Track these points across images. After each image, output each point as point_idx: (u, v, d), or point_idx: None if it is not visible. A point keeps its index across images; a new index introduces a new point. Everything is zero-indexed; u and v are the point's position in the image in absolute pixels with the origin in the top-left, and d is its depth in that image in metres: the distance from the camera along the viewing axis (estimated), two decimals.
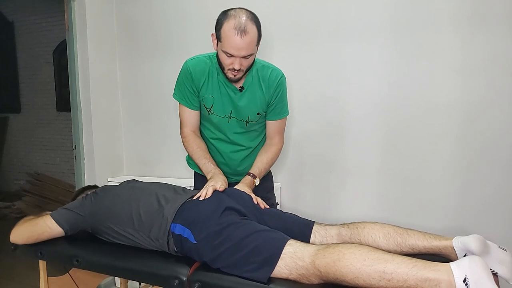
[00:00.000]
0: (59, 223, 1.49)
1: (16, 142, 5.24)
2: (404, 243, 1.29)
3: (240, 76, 1.58)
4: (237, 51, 1.47)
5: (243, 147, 1.76)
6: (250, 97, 1.67)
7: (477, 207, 2.02)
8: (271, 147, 1.78)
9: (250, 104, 1.68)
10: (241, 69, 1.53)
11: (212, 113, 1.69)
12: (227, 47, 1.48)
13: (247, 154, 1.78)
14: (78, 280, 1.75)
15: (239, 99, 1.67)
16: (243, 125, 1.72)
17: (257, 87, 1.67)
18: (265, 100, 1.69)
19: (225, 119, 1.70)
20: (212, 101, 1.67)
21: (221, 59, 1.55)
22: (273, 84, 1.68)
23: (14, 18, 5.02)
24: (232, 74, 1.55)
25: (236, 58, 1.49)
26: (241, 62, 1.51)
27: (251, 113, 1.69)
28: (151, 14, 2.69)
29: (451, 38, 1.99)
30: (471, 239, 1.18)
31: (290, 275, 1.18)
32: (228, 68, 1.54)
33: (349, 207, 2.27)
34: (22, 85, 5.11)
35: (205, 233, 1.29)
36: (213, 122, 1.72)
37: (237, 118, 1.70)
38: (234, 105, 1.67)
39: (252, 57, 1.55)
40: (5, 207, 4.37)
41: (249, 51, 1.49)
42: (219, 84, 1.66)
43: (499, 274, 1.17)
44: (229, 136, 1.73)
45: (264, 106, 1.70)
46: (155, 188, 1.54)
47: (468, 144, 2.01)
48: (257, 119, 1.72)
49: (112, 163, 2.82)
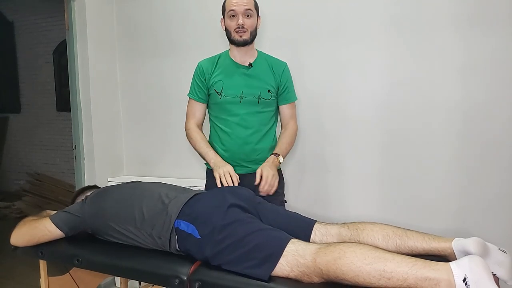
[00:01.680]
0: (59, 226, 1.50)
1: (16, 142, 5.24)
2: (403, 245, 1.29)
3: (247, 38, 1.74)
4: (236, 4, 1.70)
5: (257, 129, 1.82)
6: (259, 73, 1.81)
7: (478, 208, 2.02)
8: (288, 130, 1.89)
9: (261, 81, 1.80)
10: (245, 28, 1.72)
11: (223, 95, 1.79)
12: (229, 6, 1.72)
13: (261, 136, 1.83)
14: (78, 280, 1.75)
15: (249, 75, 1.80)
16: (255, 103, 1.79)
17: (266, 67, 1.83)
18: (274, 81, 1.83)
19: (237, 99, 1.78)
20: (221, 84, 1.79)
21: (227, 26, 1.77)
22: (280, 68, 1.86)
23: (14, 18, 5.02)
24: (238, 35, 1.73)
25: (239, 15, 1.70)
26: (243, 19, 1.71)
27: (262, 89, 1.80)
28: (151, 14, 2.69)
29: (451, 38, 1.99)
30: (471, 242, 1.18)
31: (291, 272, 1.18)
32: (233, 29, 1.73)
33: (349, 207, 2.27)
34: (22, 85, 5.11)
35: (210, 228, 1.30)
36: (225, 107, 1.80)
37: (249, 97, 1.78)
38: (244, 81, 1.79)
39: (254, 20, 1.75)
40: (5, 207, 4.37)
41: (248, 6, 1.71)
42: (228, 67, 1.81)
43: (498, 276, 1.18)
44: (243, 117, 1.80)
45: (273, 86, 1.82)
46: (157, 187, 1.55)
47: (469, 144, 2.01)
48: (268, 97, 1.81)
49: (112, 163, 2.82)
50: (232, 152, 1.81)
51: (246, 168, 1.81)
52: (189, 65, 2.60)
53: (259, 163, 1.77)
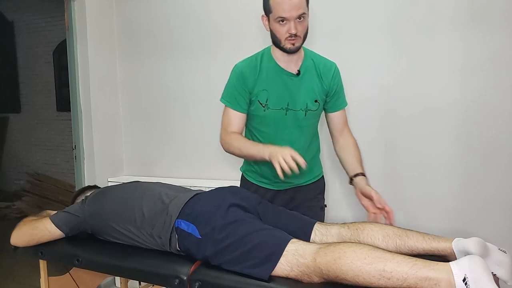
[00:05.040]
0: (59, 226, 1.50)
1: (16, 142, 5.24)
2: (403, 245, 1.29)
3: (299, 45, 1.51)
4: (288, 11, 1.42)
5: (302, 144, 1.64)
6: (307, 82, 1.59)
7: (477, 207, 2.02)
8: (349, 141, 1.70)
9: (308, 90, 1.59)
10: (298, 35, 1.47)
11: (268, 108, 1.58)
12: (278, 11, 1.44)
13: (305, 150, 1.64)
14: (78, 280, 1.75)
15: (296, 85, 1.58)
16: (302, 116, 1.60)
17: (314, 73, 1.61)
18: (322, 88, 1.62)
19: (281, 112, 1.59)
20: (266, 95, 1.58)
21: (275, 32, 1.50)
22: (330, 72, 1.63)
23: (14, 18, 5.02)
24: (290, 43, 1.49)
25: (291, 22, 1.44)
26: (296, 25, 1.45)
27: (309, 99, 1.60)
28: (151, 14, 2.69)
29: (451, 37, 1.99)
30: (471, 242, 1.18)
31: (291, 272, 1.18)
32: (284, 37, 1.48)
33: (348, 207, 2.27)
34: (22, 85, 5.11)
35: (210, 227, 1.30)
36: (269, 120, 1.61)
37: (295, 109, 1.59)
38: (290, 93, 1.58)
39: (306, 20, 1.49)
40: (5, 207, 4.37)
41: (301, 9, 1.44)
42: (273, 73, 1.58)
43: (498, 276, 1.18)
44: (288, 131, 1.61)
45: (322, 94, 1.62)
46: (157, 187, 1.55)
47: (468, 144, 2.01)
48: (315, 108, 1.62)
49: (112, 163, 2.82)
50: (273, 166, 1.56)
51: (284, 183, 1.62)
52: (189, 65, 2.63)
53: (296, 175, 1.55)
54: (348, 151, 1.67)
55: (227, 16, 2.45)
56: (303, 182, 1.71)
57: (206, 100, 2.57)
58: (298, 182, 1.69)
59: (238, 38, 2.43)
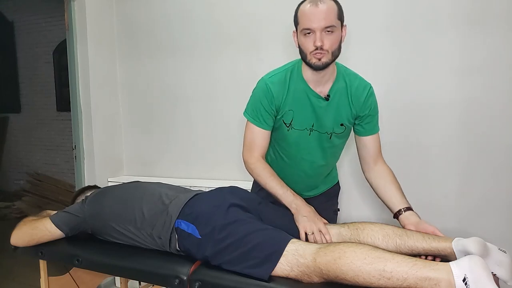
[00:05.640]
0: (59, 226, 1.50)
1: (16, 142, 5.23)
2: (403, 244, 1.29)
3: (326, 60, 1.38)
4: (314, 21, 1.33)
5: (324, 164, 1.62)
6: (336, 107, 1.50)
7: (477, 207, 2.02)
8: (387, 170, 1.57)
9: (335, 114, 1.51)
10: (324, 49, 1.35)
11: (291, 128, 1.52)
12: (304, 22, 1.35)
13: (328, 171, 1.68)
14: (78, 280, 1.75)
15: (324, 110, 1.50)
16: (327, 139, 1.55)
17: (344, 96, 1.50)
18: (351, 112, 1.52)
19: (305, 132, 1.52)
20: (292, 115, 1.50)
21: (302, 45, 1.40)
22: (362, 95, 1.52)
23: (14, 18, 5.02)
24: (316, 58, 1.37)
25: (316, 33, 1.34)
26: (322, 37, 1.34)
27: (336, 124, 1.52)
28: (151, 14, 2.69)
29: (450, 38, 1.99)
30: (471, 242, 1.18)
31: (291, 271, 1.18)
32: (310, 51, 1.37)
33: (348, 206, 2.26)
34: (22, 85, 5.11)
35: (210, 227, 1.30)
36: (292, 139, 1.55)
37: (320, 131, 1.53)
38: (317, 116, 1.50)
39: (337, 34, 1.37)
40: (5, 207, 4.37)
41: (328, 21, 1.33)
42: (301, 94, 1.49)
43: (498, 276, 1.18)
44: (311, 151, 1.57)
45: (350, 117, 1.53)
46: (157, 187, 1.55)
47: (468, 144, 2.01)
48: (341, 131, 1.55)
49: (112, 163, 2.82)
50: (293, 182, 1.58)
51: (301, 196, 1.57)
52: (189, 64, 2.63)
53: (313, 189, 1.68)
54: (390, 181, 1.55)
55: (228, 16, 2.45)
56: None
57: (207, 100, 2.58)
58: (313, 194, 1.73)
59: (239, 38, 2.43)
